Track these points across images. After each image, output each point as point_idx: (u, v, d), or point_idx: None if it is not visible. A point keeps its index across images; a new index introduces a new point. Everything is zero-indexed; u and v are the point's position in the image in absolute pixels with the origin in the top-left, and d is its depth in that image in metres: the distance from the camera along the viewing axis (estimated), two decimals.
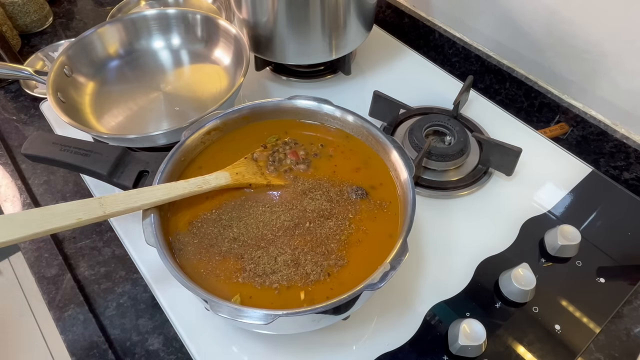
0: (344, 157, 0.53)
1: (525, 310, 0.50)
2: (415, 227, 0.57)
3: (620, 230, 0.57)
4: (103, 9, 0.94)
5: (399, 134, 0.67)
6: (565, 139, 0.73)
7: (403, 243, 0.42)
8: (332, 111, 0.54)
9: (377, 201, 0.49)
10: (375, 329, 0.49)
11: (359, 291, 0.39)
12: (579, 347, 0.48)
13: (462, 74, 0.76)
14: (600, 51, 0.64)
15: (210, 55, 0.73)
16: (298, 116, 0.56)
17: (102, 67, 0.70)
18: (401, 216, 0.47)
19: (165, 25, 0.73)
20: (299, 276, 0.43)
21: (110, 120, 0.65)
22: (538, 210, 0.59)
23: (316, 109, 0.55)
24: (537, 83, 0.74)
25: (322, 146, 0.54)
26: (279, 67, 0.78)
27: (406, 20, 0.89)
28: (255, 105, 0.55)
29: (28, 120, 0.74)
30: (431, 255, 0.55)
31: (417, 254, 0.55)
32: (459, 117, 0.68)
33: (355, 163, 0.53)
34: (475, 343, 0.45)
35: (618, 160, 0.68)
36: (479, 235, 0.57)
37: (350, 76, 0.77)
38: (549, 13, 0.67)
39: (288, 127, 0.56)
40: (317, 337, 0.49)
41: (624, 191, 0.61)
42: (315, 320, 0.41)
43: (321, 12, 0.64)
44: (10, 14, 0.85)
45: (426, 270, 0.54)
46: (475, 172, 0.62)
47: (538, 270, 0.52)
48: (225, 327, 0.50)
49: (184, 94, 0.68)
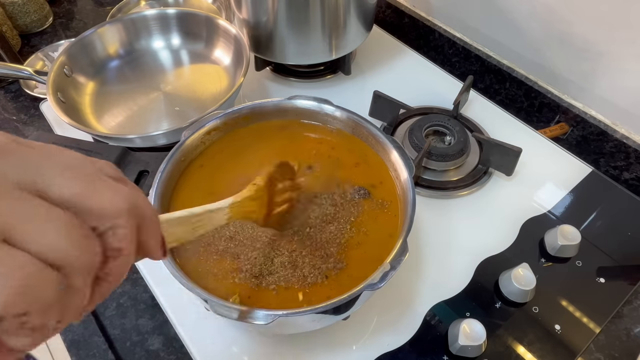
0: (344, 158, 0.53)
1: (525, 310, 0.50)
2: (415, 227, 0.57)
3: (620, 230, 0.57)
4: (103, 9, 0.94)
5: (399, 134, 0.67)
6: (565, 139, 0.73)
7: (403, 243, 0.42)
8: (332, 111, 0.54)
9: (378, 200, 0.49)
10: (375, 329, 0.49)
11: (358, 291, 0.39)
12: (579, 347, 0.48)
13: (462, 74, 0.76)
14: (600, 51, 0.64)
15: (210, 55, 0.73)
16: (299, 116, 0.56)
17: (102, 67, 0.70)
18: (401, 216, 0.47)
19: (165, 25, 0.73)
20: (296, 278, 0.43)
21: (110, 120, 0.65)
22: (538, 210, 0.59)
23: (316, 109, 0.55)
24: (537, 83, 0.74)
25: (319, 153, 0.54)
26: (279, 67, 0.78)
27: (406, 20, 0.89)
28: (255, 105, 0.55)
29: (28, 120, 0.74)
30: (431, 255, 0.55)
31: (417, 254, 0.55)
32: (459, 117, 0.68)
33: (356, 163, 0.53)
34: (475, 343, 0.45)
35: (618, 160, 0.68)
36: (479, 235, 0.57)
37: (350, 76, 0.77)
38: (548, 13, 0.67)
39: (289, 126, 0.56)
40: (317, 338, 0.49)
41: (624, 191, 0.61)
42: (315, 320, 0.41)
43: (321, 12, 0.64)
44: (10, 14, 0.85)
45: (426, 270, 0.54)
46: (475, 172, 0.62)
47: (538, 270, 0.52)
48: (225, 327, 0.50)
49: (184, 94, 0.68)
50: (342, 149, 0.54)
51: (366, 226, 0.47)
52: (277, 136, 0.55)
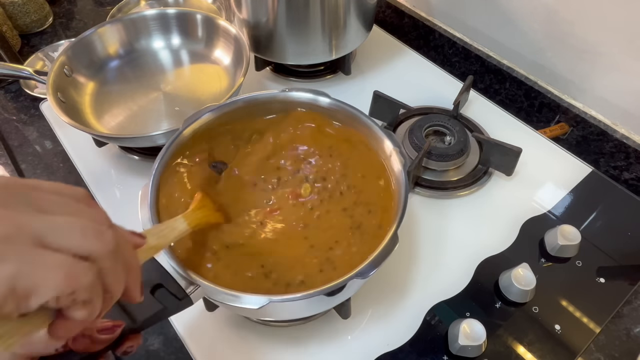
0: (339, 150, 0.52)
1: (525, 310, 0.50)
2: (415, 226, 0.58)
3: (620, 230, 0.57)
4: (103, 9, 0.94)
5: (399, 134, 0.67)
6: (565, 139, 0.73)
7: (394, 235, 0.41)
8: (330, 104, 0.52)
9: (372, 190, 0.49)
10: (375, 329, 0.49)
11: (348, 279, 0.38)
12: (579, 347, 0.48)
13: (462, 74, 0.76)
14: (600, 51, 0.64)
15: (210, 55, 0.73)
16: (294, 105, 0.54)
17: (102, 67, 0.70)
18: (394, 204, 0.46)
19: (165, 25, 0.73)
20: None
21: (110, 120, 0.65)
22: (538, 210, 0.59)
23: (312, 101, 0.53)
24: (537, 83, 0.74)
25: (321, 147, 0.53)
26: (279, 67, 0.78)
27: (406, 20, 0.89)
28: (251, 98, 0.53)
29: (28, 120, 0.74)
30: (431, 255, 0.55)
31: (416, 253, 0.55)
32: (459, 117, 0.68)
33: (351, 155, 0.52)
34: (475, 343, 0.45)
35: (618, 160, 0.68)
36: (479, 235, 0.57)
37: (350, 76, 0.77)
38: (548, 13, 0.67)
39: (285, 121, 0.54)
40: (317, 337, 0.49)
41: (624, 191, 0.61)
42: (309, 304, 0.41)
43: (321, 13, 0.64)
44: (10, 14, 0.84)
45: (426, 270, 0.54)
46: (475, 172, 0.62)
47: (538, 270, 0.52)
48: (225, 327, 0.50)
49: (184, 94, 0.68)
50: (336, 140, 0.53)
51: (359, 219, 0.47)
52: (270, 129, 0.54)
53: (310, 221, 0.48)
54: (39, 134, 0.72)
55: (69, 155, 0.67)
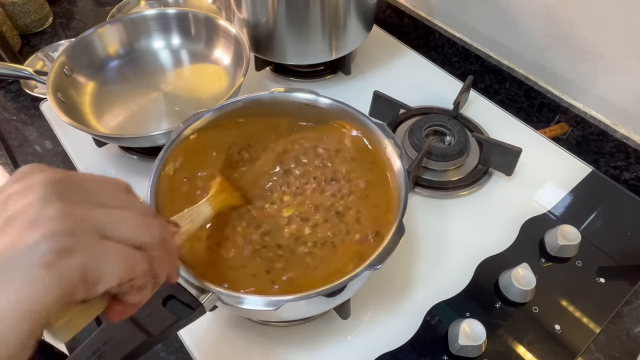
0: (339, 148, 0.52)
1: (525, 310, 0.50)
2: (415, 226, 0.58)
3: (620, 230, 0.57)
4: (103, 9, 0.94)
5: (399, 134, 0.67)
6: (565, 139, 0.73)
7: (399, 224, 0.41)
8: (326, 103, 0.52)
9: (372, 189, 0.49)
10: (375, 329, 0.49)
11: (347, 280, 0.38)
12: (579, 347, 0.48)
13: (462, 74, 0.76)
14: (600, 51, 0.64)
15: (210, 55, 0.73)
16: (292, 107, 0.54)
17: (102, 67, 0.70)
18: (394, 198, 0.46)
19: (165, 25, 0.73)
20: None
21: (110, 120, 0.65)
22: (538, 210, 0.59)
23: (313, 101, 0.53)
24: (537, 83, 0.74)
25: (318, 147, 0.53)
26: (279, 67, 0.78)
27: (406, 20, 0.89)
28: (252, 98, 0.53)
29: (28, 120, 0.74)
30: (431, 255, 0.55)
31: (416, 253, 0.55)
32: (459, 117, 0.68)
33: (351, 153, 0.52)
34: (475, 343, 0.45)
35: (618, 160, 0.68)
36: (479, 235, 0.57)
37: (350, 76, 0.77)
38: (549, 13, 0.67)
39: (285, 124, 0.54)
40: (316, 337, 0.49)
41: (624, 191, 0.61)
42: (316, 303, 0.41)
43: (321, 13, 0.64)
44: (10, 14, 0.85)
45: (426, 270, 0.54)
46: (475, 172, 0.62)
47: (538, 270, 0.52)
48: (225, 328, 0.50)
49: (184, 94, 0.68)
50: (337, 140, 0.53)
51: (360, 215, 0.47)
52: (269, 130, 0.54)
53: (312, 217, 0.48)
54: (39, 134, 0.72)
55: (69, 155, 0.67)
